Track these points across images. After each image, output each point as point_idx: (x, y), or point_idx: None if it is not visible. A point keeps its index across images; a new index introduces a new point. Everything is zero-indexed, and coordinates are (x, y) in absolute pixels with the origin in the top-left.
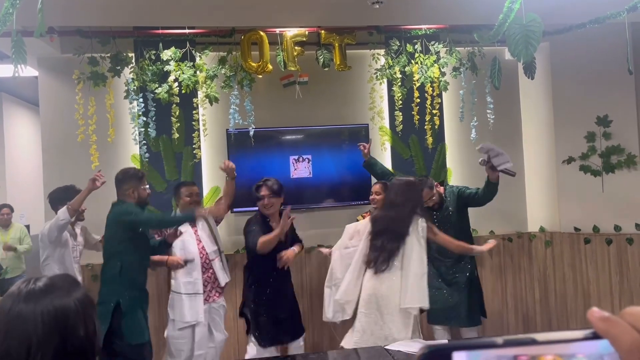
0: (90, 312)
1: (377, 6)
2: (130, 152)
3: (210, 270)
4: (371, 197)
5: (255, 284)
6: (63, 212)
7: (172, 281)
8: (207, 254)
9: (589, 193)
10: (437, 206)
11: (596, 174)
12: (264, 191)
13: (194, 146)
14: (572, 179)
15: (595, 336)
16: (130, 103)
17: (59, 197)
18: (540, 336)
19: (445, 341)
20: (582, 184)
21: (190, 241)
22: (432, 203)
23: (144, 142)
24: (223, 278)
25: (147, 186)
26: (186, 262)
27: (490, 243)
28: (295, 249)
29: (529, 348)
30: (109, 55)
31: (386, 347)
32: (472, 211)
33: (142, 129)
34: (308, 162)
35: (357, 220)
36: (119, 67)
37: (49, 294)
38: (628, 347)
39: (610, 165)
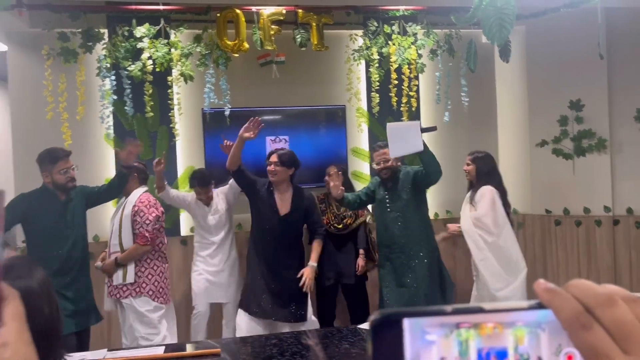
0: (52, 293)
1: None
2: (103, 131)
3: None
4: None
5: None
6: None
7: None
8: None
9: (561, 176)
10: (388, 175)
11: (568, 157)
12: (273, 158)
13: (171, 125)
14: (545, 162)
15: (540, 306)
16: (102, 80)
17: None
18: (488, 305)
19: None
20: (554, 167)
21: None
22: (383, 168)
23: (113, 120)
24: (116, 277)
25: (70, 167)
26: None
27: (444, 234)
28: (312, 264)
29: (475, 316)
30: (80, 30)
31: (359, 326)
32: (444, 192)
33: (112, 107)
34: (285, 143)
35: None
36: (90, 43)
37: (9, 276)
38: (569, 317)
39: (582, 149)
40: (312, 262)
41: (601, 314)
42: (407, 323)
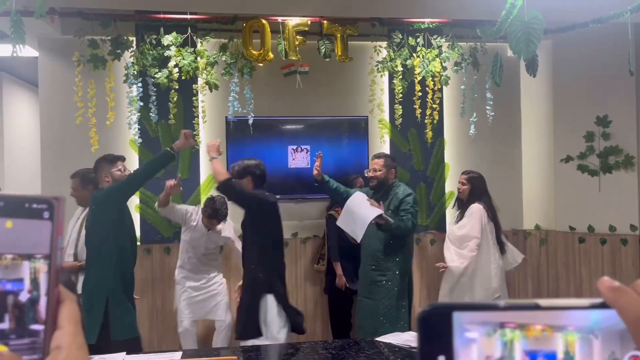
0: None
1: None
2: (129, 136)
3: None
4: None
5: None
6: None
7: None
8: None
9: (586, 192)
10: (374, 184)
11: (593, 174)
12: None
13: (193, 132)
14: (570, 178)
15: (603, 305)
16: (129, 87)
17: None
18: (544, 302)
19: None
20: (579, 183)
21: None
22: (372, 177)
23: (138, 126)
24: None
25: (121, 168)
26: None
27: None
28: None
29: (524, 315)
30: (109, 38)
31: (376, 339)
32: None
33: (139, 114)
34: (306, 153)
35: None
36: (119, 51)
37: None
38: (635, 317)
39: (608, 166)
40: None
41: None
42: (456, 317)
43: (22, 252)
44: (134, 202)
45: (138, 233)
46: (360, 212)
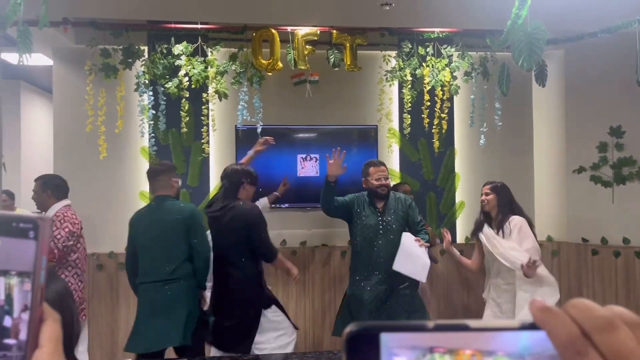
0: (69, 306)
1: (387, 8)
2: (139, 144)
3: None
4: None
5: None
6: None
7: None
8: None
9: (599, 204)
10: (385, 192)
11: (607, 185)
12: None
13: (202, 141)
14: (582, 189)
15: (533, 327)
16: (140, 96)
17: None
18: (473, 323)
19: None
20: (592, 195)
21: None
22: (383, 185)
23: (153, 135)
24: None
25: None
26: None
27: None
28: None
29: (456, 336)
30: (121, 47)
31: None
32: (472, 215)
33: (151, 122)
34: (315, 161)
35: None
36: (130, 60)
37: None
38: (564, 340)
39: (622, 177)
40: None
41: (599, 339)
42: (384, 339)
43: (6, 268)
44: None
45: None
46: (417, 253)
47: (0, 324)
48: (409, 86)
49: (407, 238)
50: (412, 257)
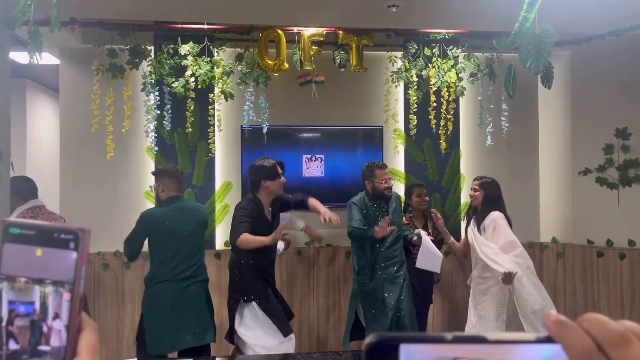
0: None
1: (394, 9)
2: (145, 144)
3: None
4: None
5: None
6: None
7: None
8: None
9: (604, 206)
10: (391, 193)
11: (612, 187)
12: (280, 169)
13: (208, 141)
14: (588, 191)
15: (549, 340)
16: (147, 96)
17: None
18: (492, 335)
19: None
20: (598, 196)
21: None
22: (389, 187)
23: (155, 134)
24: None
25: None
26: None
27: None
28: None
29: (476, 347)
30: (128, 47)
31: None
32: None
33: (156, 122)
34: (321, 162)
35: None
36: (137, 60)
37: None
38: (580, 354)
39: (628, 179)
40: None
41: (613, 353)
42: (403, 350)
43: (42, 277)
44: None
45: None
46: (434, 249)
47: (36, 331)
48: (415, 87)
49: (425, 236)
50: (430, 253)
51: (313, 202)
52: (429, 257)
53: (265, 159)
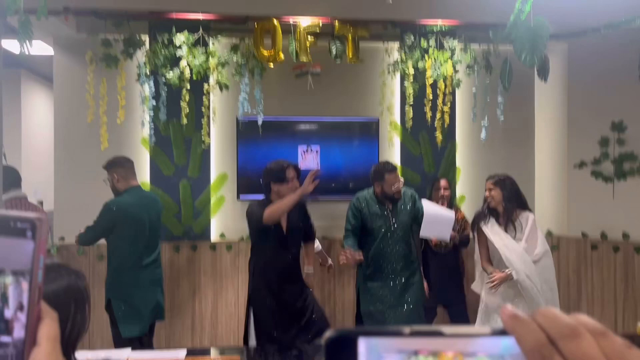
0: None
1: (390, 1)
2: (140, 135)
3: None
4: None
5: (259, 272)
6: None
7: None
8: None
9: (599, 199)
10: (399, 197)
11: (607, 180)
12: (292, 173)
13: (203, 132)
14: (583, 184)
15: (504, 333)
16: (142, 86)
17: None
18: (448, 329)
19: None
20: (593, 190)
21: None
22: (399, 188)
23: (152, 125)
24: None
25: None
26: None
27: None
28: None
29: (434, 340)
30: (122, 37)
31: None
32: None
33: (151, 113)
34: (316, 154)
35: None
36: (131, 50)
37: None
38: (531, 347)
39: (623, 172)
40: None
41: (564, 346)
42: (362, 343)
43: (2, 267)
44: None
45: None
46: (439, 211)
47: (4, 323)
48: (411, 79)
49: (426, 203)
50: (436, 218)
51: (309, 248)
52: (434, 222)
53: (279, 161)
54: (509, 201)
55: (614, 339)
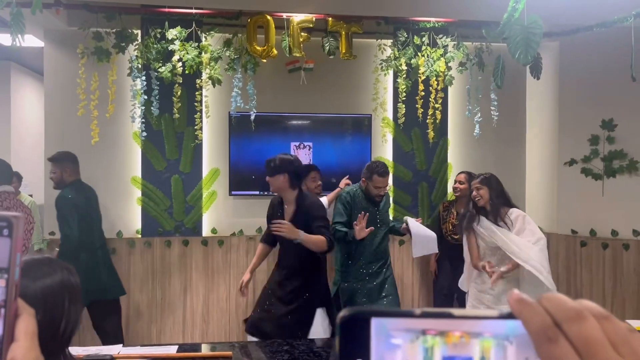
0: (75, 295)
1: None
2: (131, 130)
3: None
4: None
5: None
6: None
7: None
8: None
9: (589, 196)
10: (380, 199)
11: (597, 178)
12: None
13: (195, 127)
14: (573, 181)
15: (511, 316)
16: (133, 80)
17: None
18: (457, 311)
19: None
20: (583, 187)
21: None
22: (382, 193)
23: (143, 120)
24: None
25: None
26: None
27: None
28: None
29: (443, 322)
30: (114, 31)
31: None
32: None
33: (143, 107)
34: (309, 150)
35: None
36: (123, 44)
37: (27, 275)
38: (537, 329)
39: (612, 170)
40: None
41: (568, 328)
42: (374, 323)
43: None
44: (134, 194)
45: (139, 225)
46: (426, 232)
47: None
48: (404, 76)
49: (412, 223)
50: (423, 237)
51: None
52: (423, 242)
53: (292, 156)
54: (497, 198)
55: (618, 323)
